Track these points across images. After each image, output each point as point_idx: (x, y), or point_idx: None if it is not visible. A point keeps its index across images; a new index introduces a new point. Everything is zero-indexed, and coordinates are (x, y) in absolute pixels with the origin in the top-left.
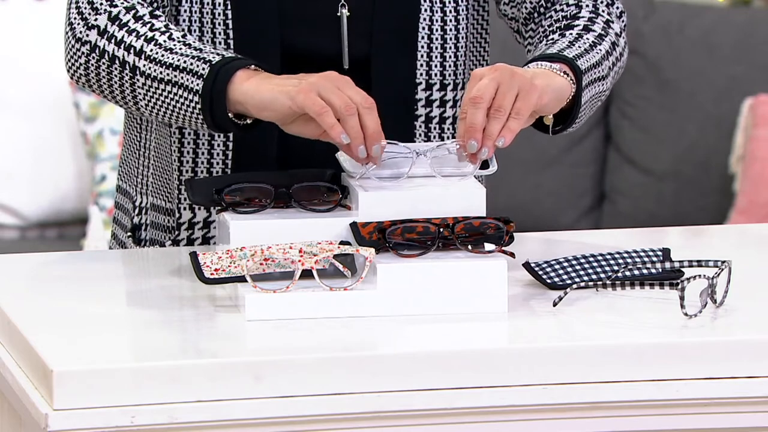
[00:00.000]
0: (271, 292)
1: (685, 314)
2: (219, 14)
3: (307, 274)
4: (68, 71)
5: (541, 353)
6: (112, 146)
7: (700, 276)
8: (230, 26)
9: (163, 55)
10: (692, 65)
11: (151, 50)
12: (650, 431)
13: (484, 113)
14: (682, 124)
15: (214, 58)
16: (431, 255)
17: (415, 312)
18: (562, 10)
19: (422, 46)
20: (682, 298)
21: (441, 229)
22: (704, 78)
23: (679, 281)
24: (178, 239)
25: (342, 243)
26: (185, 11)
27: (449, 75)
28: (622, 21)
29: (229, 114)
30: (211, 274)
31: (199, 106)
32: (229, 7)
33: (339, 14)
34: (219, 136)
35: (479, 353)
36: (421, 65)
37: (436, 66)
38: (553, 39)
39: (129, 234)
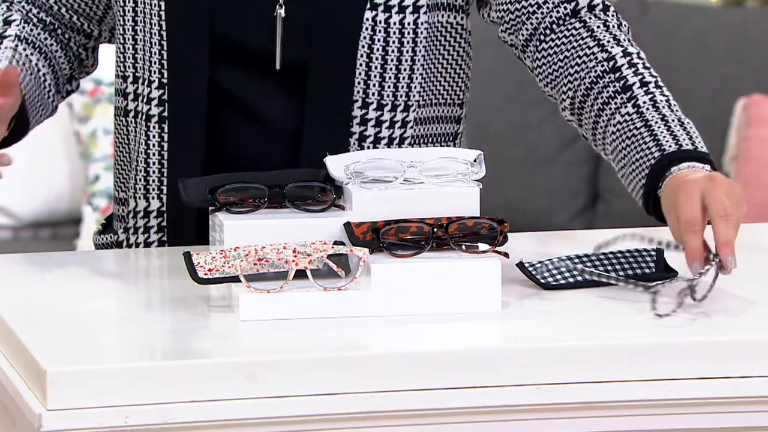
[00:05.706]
0: (264, 292)
1: (668, 313)
2: (155, 5)
3: (300, 274)
4: None
5: (534, 353)
6: (106, 146)
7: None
8: (163, 17)
9: None
10: (686, 65)
11: None
12: (643, 431)
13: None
14: None
15: None
16: (425, 255)
17: (408, 312)
18: (581, 47)
19: (360, 64)
20: (680, 299)
21: (435, 229)
22: (698, 78)
23: (670, 281)
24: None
25: (336, 243)
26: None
27: (387, 96)
28: (624, 25)
29: None
30: (205, 274)
31: None
32: None
33: (275, 14)
34: (153, 136)
35: (473, 353)
36: (359, 83)
37: (374, 86)
38: (639, 113)
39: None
